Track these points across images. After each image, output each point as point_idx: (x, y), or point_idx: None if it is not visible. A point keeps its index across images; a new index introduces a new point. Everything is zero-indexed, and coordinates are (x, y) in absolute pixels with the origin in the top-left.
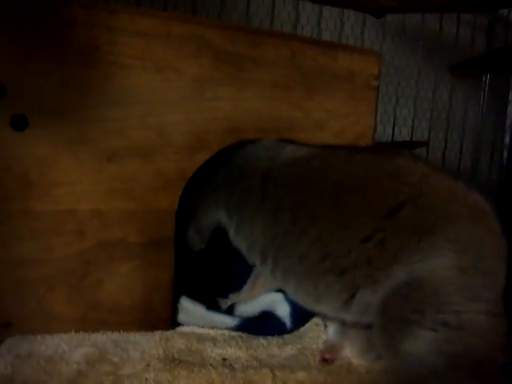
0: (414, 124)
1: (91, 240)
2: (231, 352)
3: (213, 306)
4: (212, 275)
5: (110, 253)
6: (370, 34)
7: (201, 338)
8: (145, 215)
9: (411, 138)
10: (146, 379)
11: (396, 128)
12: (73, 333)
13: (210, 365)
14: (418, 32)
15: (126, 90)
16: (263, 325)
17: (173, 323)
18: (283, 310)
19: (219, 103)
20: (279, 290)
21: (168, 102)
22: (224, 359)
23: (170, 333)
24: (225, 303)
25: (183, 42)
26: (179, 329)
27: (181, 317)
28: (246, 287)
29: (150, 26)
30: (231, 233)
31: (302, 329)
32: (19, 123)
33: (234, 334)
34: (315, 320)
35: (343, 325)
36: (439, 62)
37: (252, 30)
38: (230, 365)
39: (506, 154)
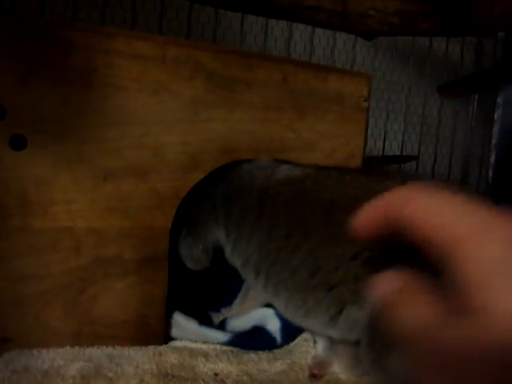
0: (405, 138)
1: (87, 256)
2: (222, 367)
3: (205, 320)
4: (204, 290)
5: (105, 269)
6: (362, 50)
7: (193, 353)
8: (140, 233)
9: (401, 152)
10: None
11: (387, 142)
12: (68, 347)
13: (202, 380)
14: (409, 48)
15: (122, 111)
16: (254, 340)
17: (166, 338)
18: (274, 325)
19: (213, 124)
20: (270, 306)
21: (163, 123)
22: (216, 374)
23: (163, 347)
24: (217, 317)
25: (178, 64)
26: (172, 343)
27: (174, 331)
28: (236, 301)
29: (145, 49)
30: (228, 251)
31: (292, 344)
32: (18, 143)
33: (225, 348)
34: (304, 335)
35: (332, 341)
36: (429, 77)
37: (245, 53)
38: (222, 380)
39: (491, 173)
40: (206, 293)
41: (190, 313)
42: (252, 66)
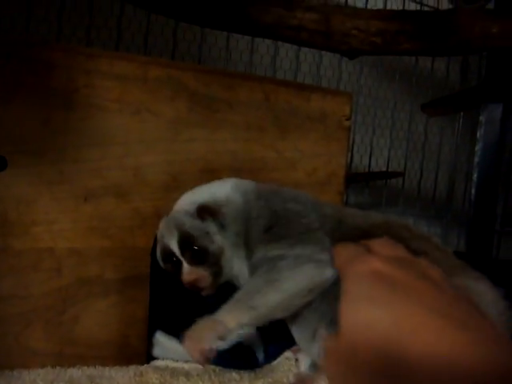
0: (391, 154)
1: (69, 277)
2: None
3: None
4: (187, 308)
5: (87, 289)
6: (348, 67)
7: (174, 373)
8: (121, 253)
9: (387, 168)
10: None
11: (373, 158)
12: (49, 368)
13: None
14: (395, 65)
15: (103, 131)
16: (236, 359)
17: (148, 357)
18: (256, 345)
19: (195, 144)
20: None
21: (144, 143)
22: None
23: (144, 367)
24: None
25: (160, 85)
26: (154, 363)
27: (156, 351)
28: None
29: (127, 70)
30: None
31: (274, 363)
32: None
33: (207, 367)
34: (287, 354)
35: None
36: (415, 94)
37: (227, 73)
38: None
39: (474, 191)
40: (188, 311)
41: (172, 332)
42: (234, 86)
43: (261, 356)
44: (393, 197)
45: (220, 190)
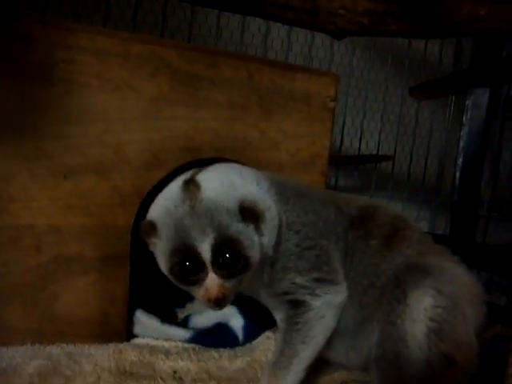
0: (381, 138)
1: (48, 254)
2: (182, 364)
3: (170, 316)
4: (170, 287)
5: (66, 267)
6: (340, 48)
7: (154, 351)
8: (101, 231)
9: (378, 151)
10: None
11: (363, 141)
12: (28, 345)
13: (160, 377)
14: (388, 47)
15: (83, 108)
16: (216, 337)
17: (128, 335)
18: (237, 323)
19: (176, 122)
20: (233, 303)
21: (125, 121)
22: (174, 372)
23: (123, 345)
24: (182, 313)
25: (141, 61)
26: (134, 341)
27: (136, 329)
28: None
29: (108, 45)
30: None
31: (254, 342)
32: None
33: (187, 346)
34: (267, 333)
35: None
36: (407, 77)
37: (209, 50)
38: (180, 377)
39: (458, 175)
40: (171, 290)
41: (152, 310)
42: (217, 64)
43: (241, 335)
44: (382, 181)
45: (249, 186)
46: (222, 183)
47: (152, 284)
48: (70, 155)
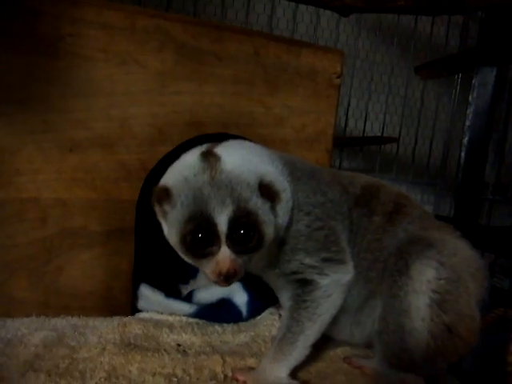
0: (386, 120)
1: (53, 227)
2: (186, 338)
3: (174, 292)
4: (174, 263)
5: (71, 240)
6: (346, 29)
7: (158, 324)
8: (106, 205)
9: (382, 133)
10: (101, 362)
11: (367, 123)
12: (34, 317)
13: (164, 350)
14: (393, 29)
15: (89, 81)
16: (220, 312)
17: (133, 310)
18: (241, 299)
19: (181, 97)
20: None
21: (130, 95)
22: (178, 345)
23: (128, 318)
24: (186, 289)
25: (147, 35)
26: (138, 315)
27: (141, 303)
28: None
29: (114, 19)
30: None
31: (258, 317)
32: None
33: (191, 320)
34: (270, 309)
35: None
36: (413, 59)
37: (215, 25)
38: (184, 350)
39: (463, 154)
40: (175, 266)
41: (157, 285)
42: (223, 39)
43: (244, 310)
44: (387, 163)
45: (267, 166)
46: (242, 158)
47: (156, 259)
48: (75, 129)
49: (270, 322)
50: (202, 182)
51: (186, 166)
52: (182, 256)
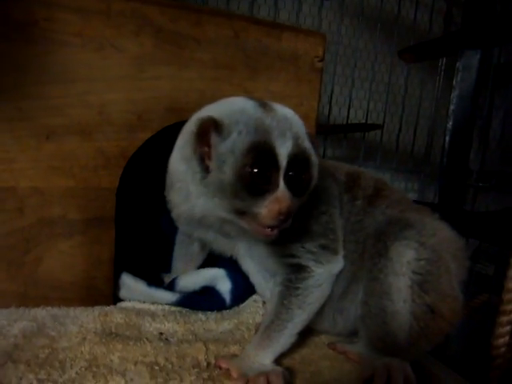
0: (370, 107)
1: (31, 217)
2: (169, 326)
3: (156, 281)
4: (156, 252)
5: (50, 230)
6: (328, 15)
7: (140, 313)
8: (85, 193)
9: (366, 120)
10: (81, 352)
11: (351, 110)
12: (13, 308)
13: (146, 338)
14: (376, 15)
15: (65, 67)
16: (203, 300)
17: (115, 299)
18: (224, 286)
19: (160, 82)
20: (222, 266)
21: (108, 81)
22: (161, 333)
23: (109, 308)
24: (168, 278)
25: (123, 19)
26: (120, 304)
27: (122, 293)
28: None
29: (89, 3)
30: None
31: (242, 305)
32: None
33: (174, 309)
34: (254, 297)
35: None
36: (396, 45)
37: (194, 8)
38: (166, 339)
39: (448, 139)
40: (157, 254)
41: (139, 274)
42: (202, 22)
43: (228, 298)
44: (371, 150)
45: None
46: (287, 109)
47: (138, 248)
48: (52, 116)
49: (253, 310)
50: (262, 113)
51: (236, 102)
52: (230, 196)
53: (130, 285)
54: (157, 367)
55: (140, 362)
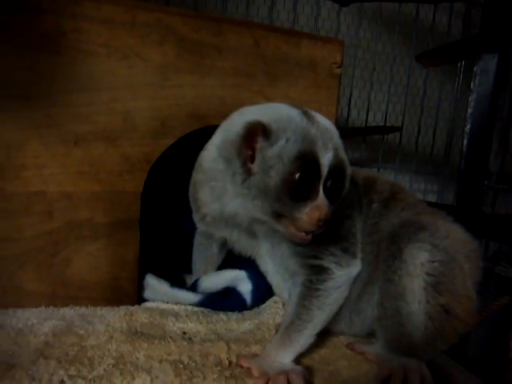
0: (389, 109)
1: (59, 220)
2: (191, 326)
3: (179, 282)
4: (179, 254)
5: (77, 232)
6: (347, 19)
7: (164, 313)
8: (111, 197)
9: (385, 123)
10: (109, 350)
11: (370, 113)
12: (43, 307)
13: (170, 337)
14: (395, 17)
15: (91, 76)
16: (224, 301)
17: (139, 299)
18: (245, 287)
19: (183, 90)
20: (243, 268)
21: (133, 89)
22: (184, 333)
23: (134, 308)
24: (190, 279)
25: (148, 29)
26: (144, 304)
27: (147, 293)
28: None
29: (114, 14)
30: None
31: (262, 306)
32: None
33: (196, 309)
34: (274, 298)
35: None
36: (415, 48)
37: (215, 18)
38: (189, 338)
39: (466, 142)
40: (180, 256)
41: (162, 275)
42: (223, 32)
43: (249, 299)
44: (390, 153)
45: None
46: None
47: (161, 250)
48: (79, 123)
49: (273, 310)
50: (307, 122)
51: (280, 109)
52: (273, 199)
53: (154, 285)
54: (181, 365)
55: (164, 360)
